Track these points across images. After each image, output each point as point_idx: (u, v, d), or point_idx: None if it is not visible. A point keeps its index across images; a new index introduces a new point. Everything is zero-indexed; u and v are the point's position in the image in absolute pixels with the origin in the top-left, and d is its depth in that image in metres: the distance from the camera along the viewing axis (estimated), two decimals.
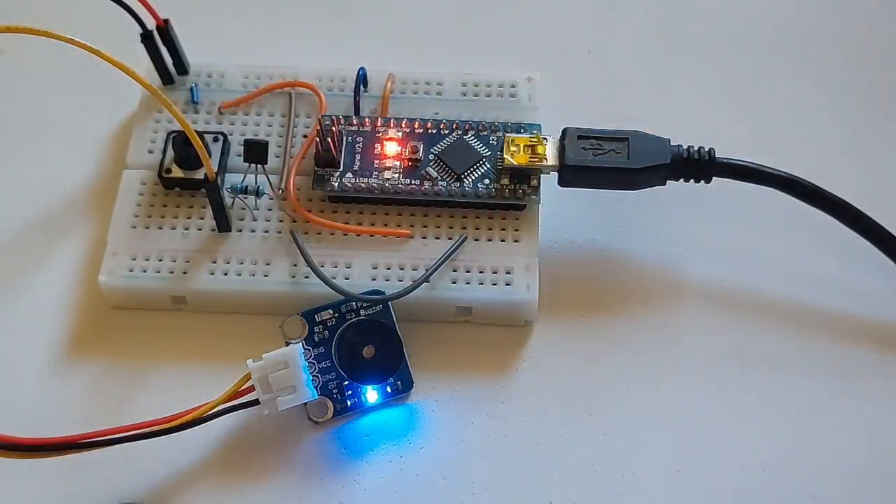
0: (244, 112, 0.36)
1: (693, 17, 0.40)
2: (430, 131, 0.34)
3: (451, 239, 0.33)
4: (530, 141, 0.33)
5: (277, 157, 0.35)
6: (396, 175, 0.33)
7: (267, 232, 0.33)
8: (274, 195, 0.34)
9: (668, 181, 0.33)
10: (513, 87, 0.36)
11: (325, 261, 0.32)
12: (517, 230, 0.33)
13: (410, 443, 0.31)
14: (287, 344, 0.30)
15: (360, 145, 0.34)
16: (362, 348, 0.31)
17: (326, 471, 0.30)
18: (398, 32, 0.40)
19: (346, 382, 0.31)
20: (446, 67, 0.37)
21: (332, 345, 0.31)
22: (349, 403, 0.31)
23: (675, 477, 0.30)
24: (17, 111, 0.38)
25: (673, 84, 0.39)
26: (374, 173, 0.33)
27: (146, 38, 0.34)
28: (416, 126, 0.34)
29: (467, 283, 0.32)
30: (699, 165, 0.33)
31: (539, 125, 0.34)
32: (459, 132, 0.34)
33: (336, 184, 0.33)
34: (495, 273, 0.32)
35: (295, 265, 0.32)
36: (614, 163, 0.32)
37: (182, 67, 0.36)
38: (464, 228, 0.33)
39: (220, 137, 0.34)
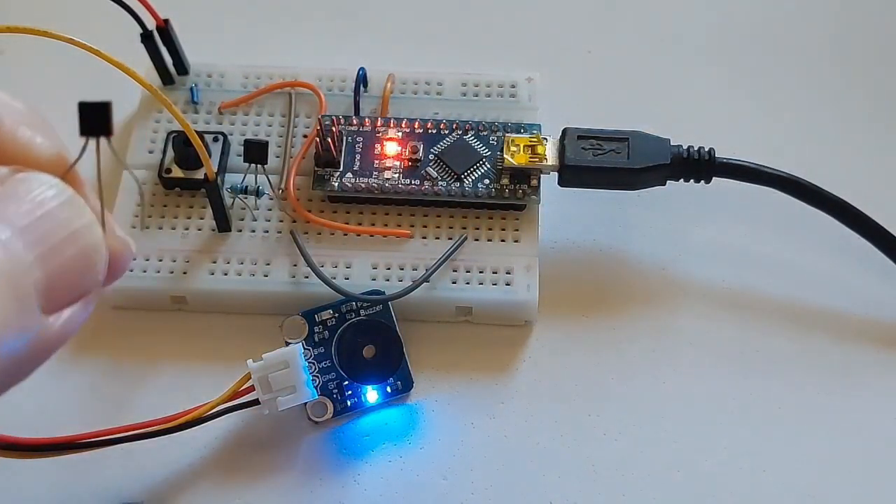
0: (244, 112, 0.36)
1: (693, 17, 0.41)
2: (430, 131, 0.34)
3: (451, 239, 0.33)
4: (530, 141, 0.33)
5: (277, 157, 0.35)
6: (396, 175, 0.33)
7: (267, 232, 0.33)
8: (274, 195, 0.34)
9: (668, 181, 0.33)
10: (513, 87, 0.36)
11: (325, 261, 0.32)
12: (517, 230, 0.33)
13: (410, 443, 0.31)
14: (287, 344, 0.30)
15: (360, 145, 0.34)
16: (362, 348, 0.31)
17: (326, 471, 0.30)
18: (398, 32, 0.40)
19: (346, 382, 0.31)
20: (446, 67, 0.37)
21: (332, 345, 0.31)
22: (349, 403, 0.31)
23: (675, 477, 0.30)
24: None
25: (673, 84, 0.39)
26: (374, 173, 0.33)
27: (146, 38, 0.34)
28: (416, 126, 0.34)
29: (467, 283, 0.32)
30: (699, 165, 0.33)
31: (539, 125, 0.34)
32: (459, 132, 0.34)
33: (336, 184, 0.33)
34: (495, 273, 0.32)
35: (295, 265, 0.32)
36: (614, 163, 0.32)
37: (182, 67, 0.36)
38: (464, 228, 0.33)
39: (220, 137, 0.34)
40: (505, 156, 0.33)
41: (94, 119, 0.24)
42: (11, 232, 0.16)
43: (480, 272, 0.32)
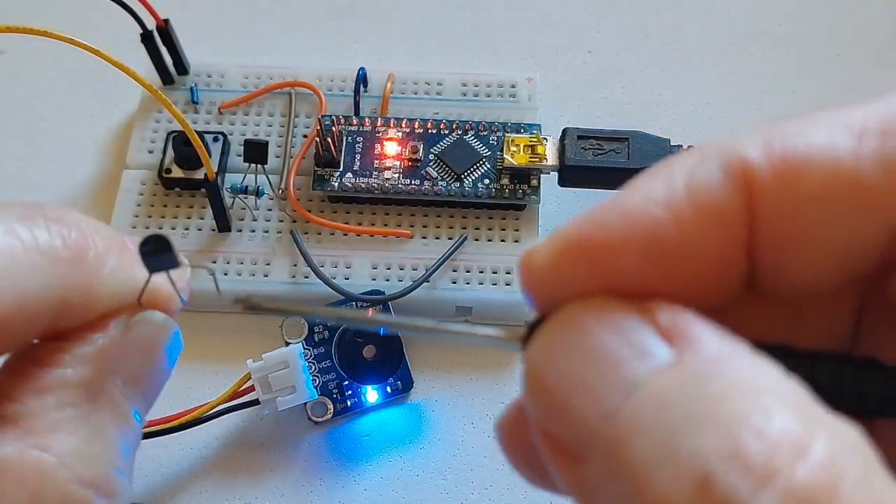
0: (244, 112, 0.36)
1: (693, 17, 0.40)
2: (430, 131, 0.34)
3: (451, 239, 0.33)
4: (530, 141, 0.33)
5: (277, 157, 0.35)
6: (396, 175, 0.33)
7: (267, 232, 0.33)
8: (274, 195, 0.34)
9: None
10: (513, 87, 0.36)
11: (325, 261, 0.32)
12: (517, 230, 0.33)
13: (410, 443, 0.31)
14: (287, 344, 0.30)
15: (360, 145, 0.34)
16: (362, 348, 0.31)
17: (326, 471, 0.30)
18: (398, 32, 0.40)
19: (346, 382, 0.31)
20: (446, 67, 0.37)
21: (332, 345, 0.31)
22: (349, 403, 0.31)
23: None
24: (17, 111, 0.38)
25: (673, 84, 0.39)
26: (374, 173, 0.33)
27: (146, 38, 0.34)
28: (416, 126, 0.34)
29: (467, 283, 0.32)
30: None
31: (539, 125, 0.34)
32: (459, 132, 0.34)
33: (336, 184, 0.33)
34: (495, 273, 0.32)
35: (295, 265, 0.32)
36: (614, 163, 0.32)
37: (182, 67, 0.36)
38: (464, 228, 0.33)
39: (220, 137, 0.34)
40: (505, 156, 0.33)
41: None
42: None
43: (480, 272, 0.32)
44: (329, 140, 0.33)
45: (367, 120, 0.34)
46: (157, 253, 0.18)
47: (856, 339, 0.16)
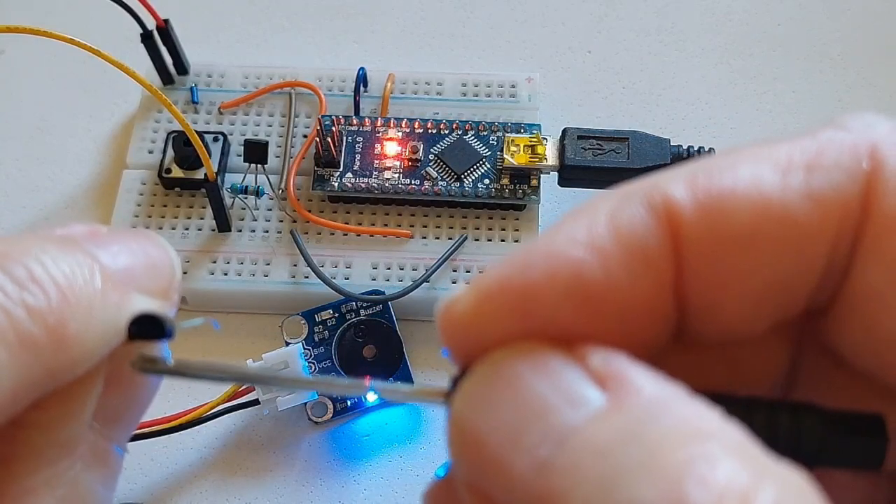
0: (244, 112, 0.36)
1: (693, 17, 0.40)
2: (430, 131, 0.34)
3: (451, 239, 0.33)
4: (530, 141, 0.33)
5: (277, 157, 0.35)
6: (396, 175, 0.33)
7: (267, 232, 0.33)
8: (274, 195, 0.34)
9: None
10: (513, 87, 0.36)
11: (325, 261, 0.32)
12: (517, 230, 0.33)
13: (410, 443, 0.31)
14: (287, 344, 0.30)
15: (360, 145, 0.34)
16: (362, 348, 0.31)
17: (326, 471, 0.30)
18: (398, 32, 0.40)
19: None
20: (446, 67, 0.37)
21: (332, 345, 0.31)
22: (349, 403, 0.31)
23: None
24: (17, 111, 0.38)
25: (673, 84, 0.39)
26: (374, 173, 0.33)
27: (146, 38, 0.34)
28: (416, 126, 0.34)
29: (467, 283, 0.32)
30: None
31: (539, 125, 0.34)
32: (459, 132, 0.34)
33: (336, 184, 0.33)
34: None
35: (295, 265, 0.32)
36: (614, 163, 0.32)
37: (182, 67, 0.36)
38: (464, 228, 0.33)
39: (220, 137, 0.34)
40: (505, 156, 0.33)
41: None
42: None
43: (480, 272, 0.32)
44: (329, 140, 0.33)
45: (367, 120, 0.34)
46: (148, 337, 0.17)
47: (792, 384, 0.16)
